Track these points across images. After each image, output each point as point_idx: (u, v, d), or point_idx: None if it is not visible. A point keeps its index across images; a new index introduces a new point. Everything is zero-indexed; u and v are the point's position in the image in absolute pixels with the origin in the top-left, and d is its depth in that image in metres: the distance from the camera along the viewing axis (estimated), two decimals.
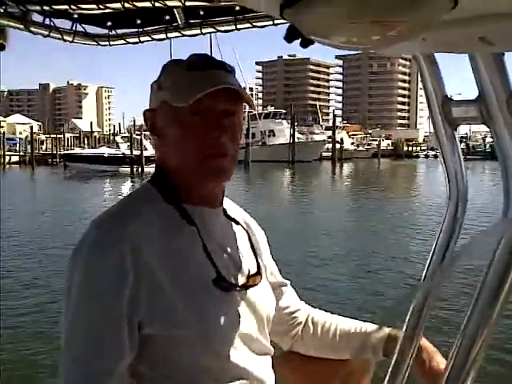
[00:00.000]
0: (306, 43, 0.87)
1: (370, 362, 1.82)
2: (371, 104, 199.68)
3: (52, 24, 2.00)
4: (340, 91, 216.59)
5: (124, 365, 1.34)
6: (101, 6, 1.78)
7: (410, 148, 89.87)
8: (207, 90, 1.38)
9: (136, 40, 2.13)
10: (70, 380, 1.31)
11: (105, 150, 54.80)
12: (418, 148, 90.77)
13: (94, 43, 2.16)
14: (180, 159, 1.46)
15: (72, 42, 2.10)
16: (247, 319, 1.51)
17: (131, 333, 1.34)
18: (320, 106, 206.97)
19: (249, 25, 1.83)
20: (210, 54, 1.61)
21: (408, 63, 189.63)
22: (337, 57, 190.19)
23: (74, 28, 2.06)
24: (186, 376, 1.41)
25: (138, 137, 57.80)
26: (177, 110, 1.42)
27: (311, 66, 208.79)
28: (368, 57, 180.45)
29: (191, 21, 2.03)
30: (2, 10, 1.85)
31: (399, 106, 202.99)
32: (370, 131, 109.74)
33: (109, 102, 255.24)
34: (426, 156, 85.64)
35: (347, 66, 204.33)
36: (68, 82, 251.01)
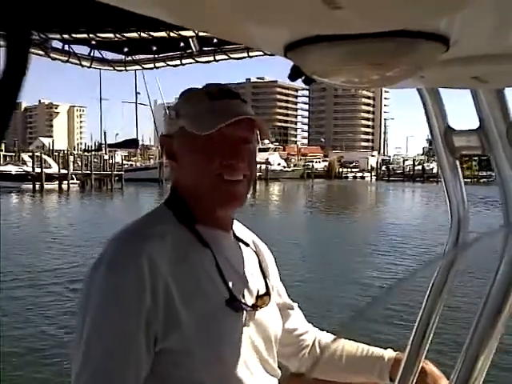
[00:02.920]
0: (308, 81, 0.93)
1: None
2: (336, 126, 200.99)
3: (71, 50, 2.07)
4: (307, 113, 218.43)
5: (142, 379, 1.37)
6: (118, 35, 1.84)
7: (342, 169, 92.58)
8: (230, 119, 1.44)
9: (151, 66, 2.20)
10: None
11: (11, 168, 56.25)
12: (349, 170, 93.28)
13: (111, 68, 2.23)
14: (197, 183, 1.52)
15: (90, 67, 2.18)
16: (256, 339, 1.55)
17: (148, 348, 1.37)
18: (288, 127, 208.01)
19: (260, 53, 1.89)
20: (135, 86, 1.66)
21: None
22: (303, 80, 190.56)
23: (91, 54, 2.14)
24: None
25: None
26: (195, 136, 1.47)
27: (279, 89, 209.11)
28: None
29: (205, 48, 2.09)
30: None
31: (363, 129, 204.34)
32: (323, 153, 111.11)
33: (80, 122, 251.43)
34: (354, 177, 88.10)
35: (313, 89, 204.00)
36: (39, 101, 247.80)
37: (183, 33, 1.84)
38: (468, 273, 11.72)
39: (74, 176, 56.70)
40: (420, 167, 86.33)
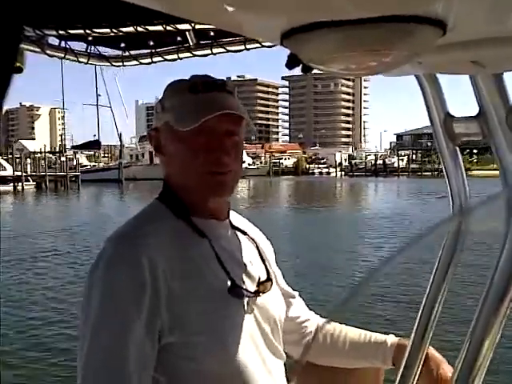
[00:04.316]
0: (306, 69, 0.92)
1: (379, 370, 1.87)
2: (317, 123, 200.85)
3: (68, 46, 2.06)
4: (288, 111, 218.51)
5: (148, 376, 1.37)
6: (114, 30, 1.84)
7: (309, 166, 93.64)
8: (211, 114, 1.42)
9: (149, 60, 2.19)
10: None
11: None
12: (316, 166, 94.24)
13: (108, 64, 2.22)
14: (184, 177, 1.52)
15: (87, 63, 2.17)
16: (262, 323, 1.56)
17: (152, 344, 1.38)
18: (269, 125, 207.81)
19: (258, 45, 1.88)
20: (95, 84, 1.66)
21: (351, 83, 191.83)
22: (283, 77, 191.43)
23: (88, 50, 2.13)
24: (204, 382, 1.45)
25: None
26: (180, 131, 1.46)
27: (259, 87, 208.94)
28: (313, 77, 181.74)
29: (202, 42, 2.08)
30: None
31: (343, 125, 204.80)
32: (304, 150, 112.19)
33: (62, 123, 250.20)
34: (320, 173, 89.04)
35: (293, 87, 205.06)
36: (20, 104, 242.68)
37: (180, 26, 1.83)
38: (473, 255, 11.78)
39: (29, 178, 57.91)
40: (381, 162, 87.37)
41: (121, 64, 2.22)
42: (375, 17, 0.71)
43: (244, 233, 1.68)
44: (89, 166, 76.21)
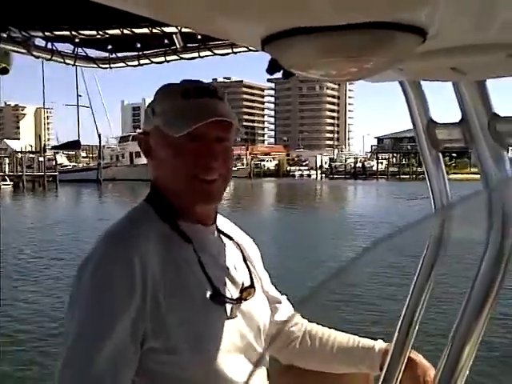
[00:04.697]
0: (287, 75, 0.93)
1: (369, 376, 1.86)
2: (302, 125, 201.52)
3: (54, 48, 2.06)
4: (273, 113, 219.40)
5: (127, 379, 1.37)
6: (100, 33, 1.84)
7: (290, 168, 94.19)
8: (201, 121, 1.43)
9: (136, 63, 2.19)
10: None
11: None
12: (297, 168, 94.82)
13: (95, 66, 2.22)
14: (173, 181, 1.52)
15: (74, 65, 2.17)
16: (244, 331, 1.56)
17: (135, 346, 1.38)
18: (255, 127, 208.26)
19: (245, 48, 1.89)
20: (76, 86, 1.65)
21: (337, 86, 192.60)
22: (268, 80, 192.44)
23: (75, 51, 2.12)
24: None
25: None
26: (170, 136, 1.47)
27: (245, 89, 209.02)
28: (298, 80, 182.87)
29: (189, 45, 2.08)
30: (6, 36, 1.91)
31: (328, 128, 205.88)
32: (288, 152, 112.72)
33: (48, 123, 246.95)
34: (301, 175, 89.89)
35: (278, 89, 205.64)
36: (5, 103, 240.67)
37: (166, 29, 1.83)
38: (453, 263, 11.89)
39: (6, 178, 58.36)
40: (360, 165, 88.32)
41: (108, 66, 2.22)
42: (355, 23, 0.71)
43: (230, 238, 1.68)
44: (69, 167, 76.72)
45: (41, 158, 65.22)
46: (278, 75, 1.02)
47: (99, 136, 79.30)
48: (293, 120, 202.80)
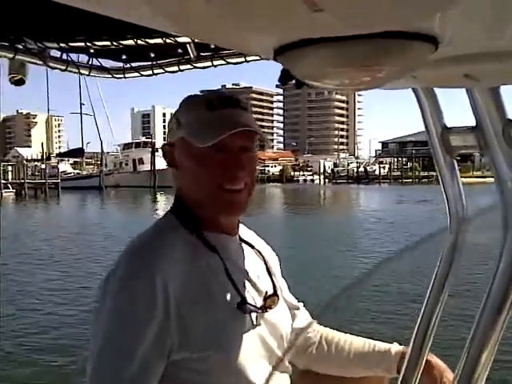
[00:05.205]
0: (299, 84, 0.93)
1: (384, 379, 1.87)
2: (311, 130, 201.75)
3: (69, 59, 2.08)
4: (282, 119, 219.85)
5: None
6: (115, 43, 1.86)
7: (294, 173, 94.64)
8: (227, 132, 1.44)
9: (150, 72, 2.21)
10: None
11: None
12: (301, 173, 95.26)
13: (110, 76, 2.24)
14: (198, 191, 1.53)
15: (88, 75, 2.19)
16: (268, 339, 1.57)
17: (162, 361, 1.39)
18: (264, 132, 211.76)
19: (257, 57, 1.90)
20: (79, 94, 1.66)
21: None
22: (277, 86, 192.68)
23: (90, 62, 2.15)
24: None
25: None
26: (195, 147, 1.48)
27: (254, 95, 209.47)
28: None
29: (202, 54, 2.10)
30: (22, 47, 1.94)
31: (337, 132, 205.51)
32: (297, 157, 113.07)
33: (59, 131, 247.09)
34: (305, 180, 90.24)
35: (287, 95, 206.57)
36: (17, 111, 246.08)
37: (180, 39, 1.85)
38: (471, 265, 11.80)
39: (9, 185, 59.03)
40: (363, 169, 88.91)
41: (122, 76, 2.24)
42: (367, 33, 0.71)
43: (252, 246, 1.69)
44: (72, 174, 78.06)
45: (43, 166, 66.68)
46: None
47: (101, 144, 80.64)
48: (301, 125, 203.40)
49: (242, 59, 2.01)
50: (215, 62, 2.09)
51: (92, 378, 1.37)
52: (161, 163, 69.78)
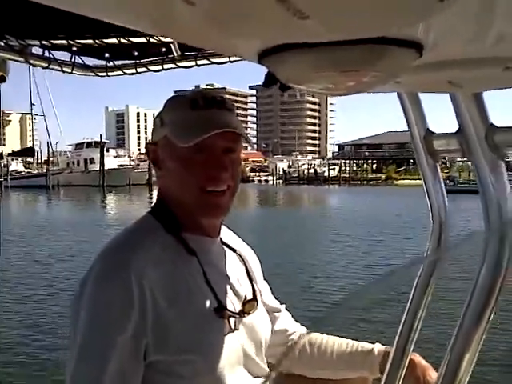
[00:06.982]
0: (284, 88, 0.92)
1: (367, 380, 1.87)
2: (283, 132, 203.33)
3: (51, 56, 2.06)
4: (256, 120, 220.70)
5: None
6: (98, 41, 1.84)
7: (250, 174, 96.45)
8: (210, 132, 1.42)
9: (133, 71, 2.19)
10: None
11: None
12: (256, 174, 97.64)
13: (92, 74, 2.22)
14: (180, 192, 1.51)
15: (71, 73, 2.17)
16: (245, 344, 1.56)
17: (138, 362, 1.38)
18: None
19: (242, 58, 1.89)
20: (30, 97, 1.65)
21: None
22: (250, 87, 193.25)
23: (72, 60, 2.12)
24: None
25: None
26: (178, 146, 1.46)
27: (228, 96, 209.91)
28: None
29: (186, 53, 2.09)
30: (3, 44, 1.91)
31: (309, 134, 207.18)
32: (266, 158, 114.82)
33: (32, 130, 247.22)
34: (259, 181, 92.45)
35: (260, 96, 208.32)
36: None
37: (163, 38, 1.83)
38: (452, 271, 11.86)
39: None
40: (313, 171, 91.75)
41: (105, 74, 2.22)
42: (351, 39, 0.71)
43: (233, 250, 1.68)
44: (23, 173, 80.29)
45: None
46: (259, 82, 1.02)
47: (48, 143, 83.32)
48: (274, 126, 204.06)
49: (226, 59, 2.00)
50: (199, 62, 2.08)
51: (71, 379, 1.36)
52: (110, 163, 72.59)
